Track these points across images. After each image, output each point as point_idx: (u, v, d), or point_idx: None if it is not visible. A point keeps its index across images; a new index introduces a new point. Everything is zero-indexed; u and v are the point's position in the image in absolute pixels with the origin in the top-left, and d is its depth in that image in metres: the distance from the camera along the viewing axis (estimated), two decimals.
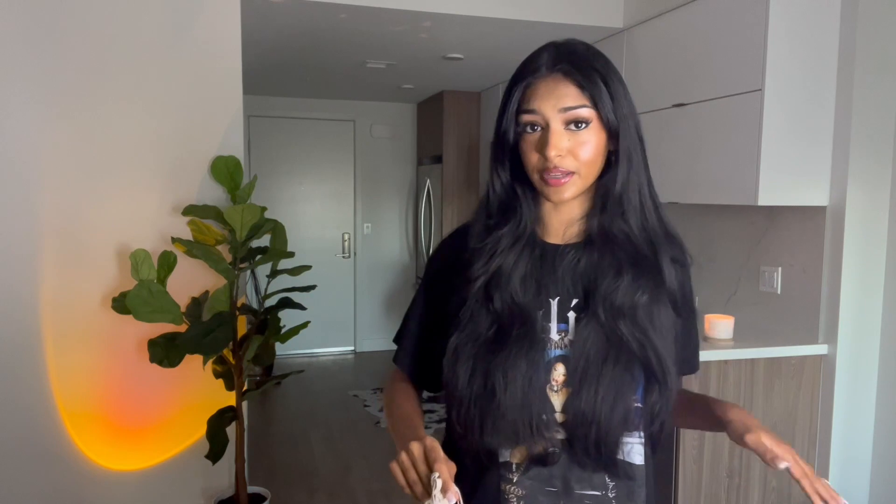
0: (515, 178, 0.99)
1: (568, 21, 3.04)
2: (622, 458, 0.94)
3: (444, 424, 4.64)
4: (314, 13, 2.94)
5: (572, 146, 0.93)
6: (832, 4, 2.32)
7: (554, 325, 0.96)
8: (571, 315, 0.96)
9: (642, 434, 0.96)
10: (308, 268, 2.61)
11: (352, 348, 6.13)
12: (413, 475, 0.83)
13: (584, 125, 0.93)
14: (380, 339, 6.06)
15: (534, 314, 0.95)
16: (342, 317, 6.05)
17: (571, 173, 0.93)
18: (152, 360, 2.41)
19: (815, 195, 2.39)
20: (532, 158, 0.94)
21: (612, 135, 0.95)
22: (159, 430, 2.67)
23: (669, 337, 0.97)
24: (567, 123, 0.93)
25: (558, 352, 0.95)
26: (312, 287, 2.60)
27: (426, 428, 0.97)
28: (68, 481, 2.55)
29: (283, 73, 4.48)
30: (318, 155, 5.90)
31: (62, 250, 2.49)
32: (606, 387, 0.91)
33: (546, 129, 0.93)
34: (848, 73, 2.31)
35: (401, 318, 1.15)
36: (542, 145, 0.92)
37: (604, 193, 0.98)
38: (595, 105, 0.93)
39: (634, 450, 0.96)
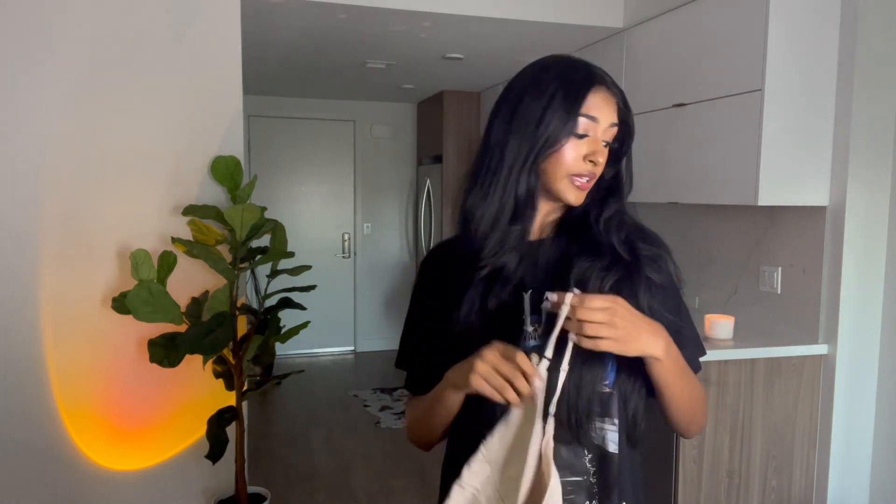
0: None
1: (568, 21, 3.04)
2: (598, 443, 0.97)
3: None
4: (314, 13, 2.94)
5: (603, 159, 1.00)
6: (832, 4, 2.32)
7: (528, 318, 0.98)
8: (546, 305, 0.98)
9: (616, 422, 0.98)
10: (308, 268, 2.61)
11: (352, 348, 6.13)
12: (499, 380, 0.88)
13: (610, 144, 1.01)
14: (380, 339, 6.06)
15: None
16: (342, 317, 6.05)
17: (593, 180, 1.01)
18: (152, 360, 2.41)
19: (815, 195, 2.39)
20: (576, 162, 0.98)
21: (612, 156, 1.03)
22: (159, 430, 2.66)
23: None
24: (604, 139, 1.00)
25: (532, 343, 0.97)
26: (312, 287, 2.60)
27: None
28: (68, 481, 2.55)
29: (283, 73, 4.48)
30: (318, 155, 5.90)
31: (62, 250, 2.49)
32: (578, 370, 0.93)
33: (595, 138, 0.99)
34: (848, 73, 2.31)
35: (401, 318, 1.15)
36: (592, 153, 0.98)
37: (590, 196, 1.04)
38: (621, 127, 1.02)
39: (609, 437, 0.98)
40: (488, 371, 0.89)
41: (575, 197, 1.00)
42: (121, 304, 2.35)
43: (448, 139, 5.20)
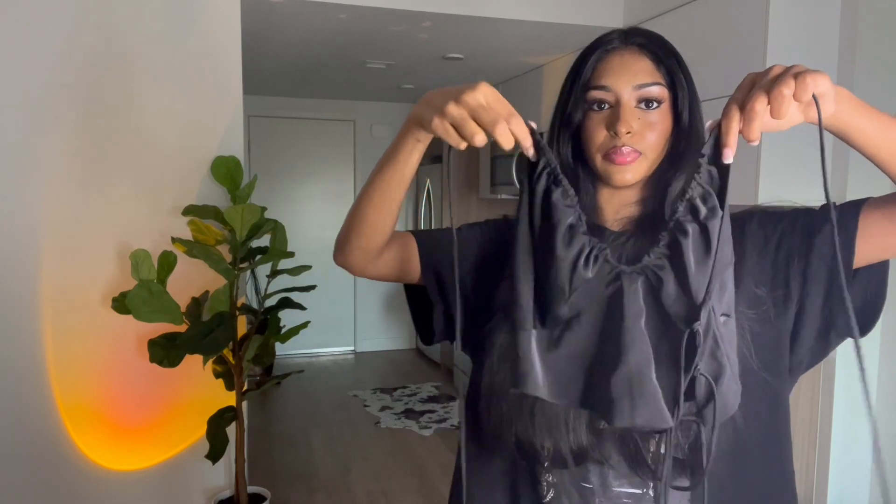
0: (576, 159, 0.94)
1: (568, 21, 3.04)
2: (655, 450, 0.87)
3: (443, 425, 4.60)
4: (314, 13, 2.94)
5: (641, 126, 0.88)
6: (832, 4, 2.32)
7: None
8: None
9: None
10: (308, 268, 2.61)
11: (352, 348, 6.13)
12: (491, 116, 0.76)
13: (655, 105, 0.89)
14: (380, 339, 6.06)
15: None
16: (342, 317, 6.05)
17: (638, 153, 0.87)
18: (152, 360, 2.41)
19: (815, 195, 2.38)
20: (598, 136, 0.89)
21: (678, 120, 0.91)
22: (159, 430, 2.67)
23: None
24: (639, 101, 0.88)
25: None
26: (312, 287, 2.60)
27: (426, 428, 0.94)
28: (68, 481, 2.55)
29: (283, 73, 4.48)
30: (318, 155, 5.90)
31: (62, 250, 2.49)
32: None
33: (616, 105, 0.88)
34: (848, 73, 2.31)
35: (401, 318, 1.13)
36: (613, 122, 0.87)
37: (664, 183, 0.90)
38: (668, 84, 0.90)
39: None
40: (478, 106, 0.75)
41: (615, 173, 0.88)
42: (121, 303, 2.35)
43: None
